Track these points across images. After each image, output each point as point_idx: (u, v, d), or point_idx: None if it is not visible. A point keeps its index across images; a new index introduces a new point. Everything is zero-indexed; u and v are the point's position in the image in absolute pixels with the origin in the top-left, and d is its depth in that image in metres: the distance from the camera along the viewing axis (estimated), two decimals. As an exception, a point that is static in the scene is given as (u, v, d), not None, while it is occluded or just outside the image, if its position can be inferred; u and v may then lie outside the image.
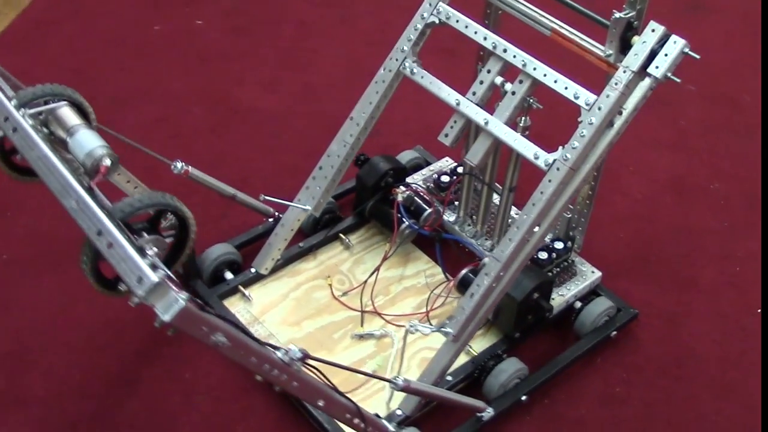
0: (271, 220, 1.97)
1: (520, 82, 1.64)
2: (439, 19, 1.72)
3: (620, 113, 1.53)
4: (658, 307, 1.94)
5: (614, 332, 1.84)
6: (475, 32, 1.68)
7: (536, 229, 1.58)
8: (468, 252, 1.94)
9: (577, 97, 1.55)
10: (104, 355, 1.78)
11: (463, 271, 1.81)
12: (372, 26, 2.74)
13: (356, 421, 1.34)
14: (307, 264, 1.94)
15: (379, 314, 1.84)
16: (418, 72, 1.74)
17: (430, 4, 1.73)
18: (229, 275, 1.87)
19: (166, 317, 0.92)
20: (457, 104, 1.68)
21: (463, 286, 1.80)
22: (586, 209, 1.88)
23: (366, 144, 1.83)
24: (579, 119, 1.54)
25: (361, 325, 1.82)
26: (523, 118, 1.68)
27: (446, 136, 1.71)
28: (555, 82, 1.58)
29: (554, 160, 1.55)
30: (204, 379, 1.75)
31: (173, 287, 0.92)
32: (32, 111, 1.16)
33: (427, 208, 1.91)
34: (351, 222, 2.01)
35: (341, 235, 1.99)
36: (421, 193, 1.94)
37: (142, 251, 0.96)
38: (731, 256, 2.08)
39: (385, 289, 1.90)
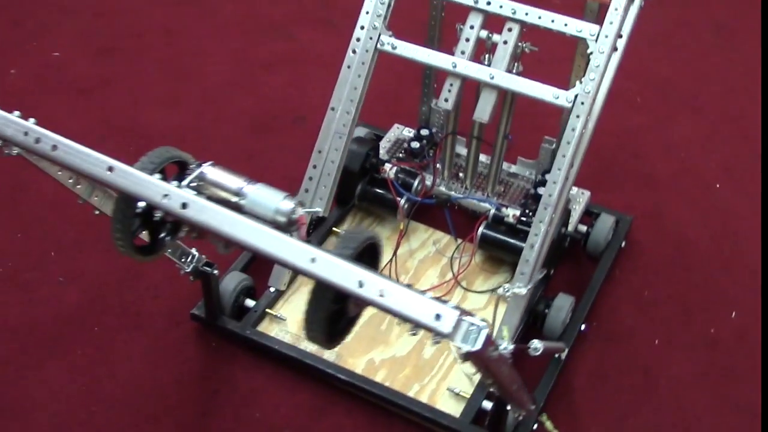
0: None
1: (509, 30, 1.65)
2: (408, -12, 1.70)
3: (620, 36, 1.60)
4: (639, 209, 2.07)
5: (623, 242, 1.94)
6: (450, -9, 1.67)
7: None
8: (459, 210, 1.96)
9: (579, 31, 1.60)
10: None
11: (481, 229, 1.82)
12: (239, 15, 2.62)
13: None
14: (316, 267, 1.86)
15: (414, 293, 1.82)
16: (399, 45, 1.70)
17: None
18: (250, 302, 1.76)
19: (476, 347, 0.86)
20: (454, 66, 1.66)
21: (485, 242, 1.82)
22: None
23: (299, 134, 1.78)
24: (588, 51, 1.59)
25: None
26: (516, 64, 1.70)
27: (446, 101, 1.70)
28: (552, 21, 1.61)
29: (576, 96, 1.59)
30: None
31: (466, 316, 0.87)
32: (187, 182, 1.02)
33: (411, 179, 1.90)
34: (337, 214, 1.95)
35: (334, 228, 1.92)
36: (403, 165, 1.93)
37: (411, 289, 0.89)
38: (673, 145, 2.25)
39: (403, 268, 1.88)
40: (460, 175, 1.98)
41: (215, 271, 1.62)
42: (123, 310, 1.80)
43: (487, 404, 1.59)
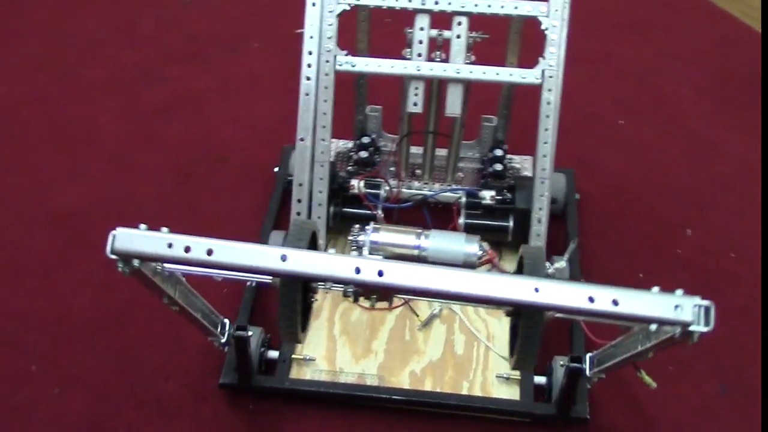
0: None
1: (459, 24, 1.70)
2: (349, 4, 1.69)
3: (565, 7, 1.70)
4: (573, 159, 2.19)
5: (578, 195, 2.06)
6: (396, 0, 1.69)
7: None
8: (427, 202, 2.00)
9: (530, 11, 1.67)
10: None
11: (461, 219, 1.87)
12: (104, 71, 2.48)
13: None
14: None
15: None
16: (358, 62, 1.70)
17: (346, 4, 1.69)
18: (273, 353, 1.71)
19: (710, 325, 0.91)
20: (419, 70, 1.69)
21: (470, 229, 1.87)
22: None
23: (228, 173, 1.78)
24: (542, 27, 1.67)
25: (417, 315, 1.81)
26: (469, 55, 1.75)
27: (415, 105, 1.72)
28: (502, 7, 1.68)
29: (543, 71, 1.67)
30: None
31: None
32: (367, 251, 0.98)
33: (377, 188, 1.91)
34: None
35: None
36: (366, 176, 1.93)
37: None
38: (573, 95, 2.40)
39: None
40: (417, 172, 2.01)
41: (250, 333, 1.56)
42: (140, 403, 1.68)
43: (540, 379, 1.67)
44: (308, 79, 1.71)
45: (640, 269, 1.95)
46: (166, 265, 1.03)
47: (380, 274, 0.92)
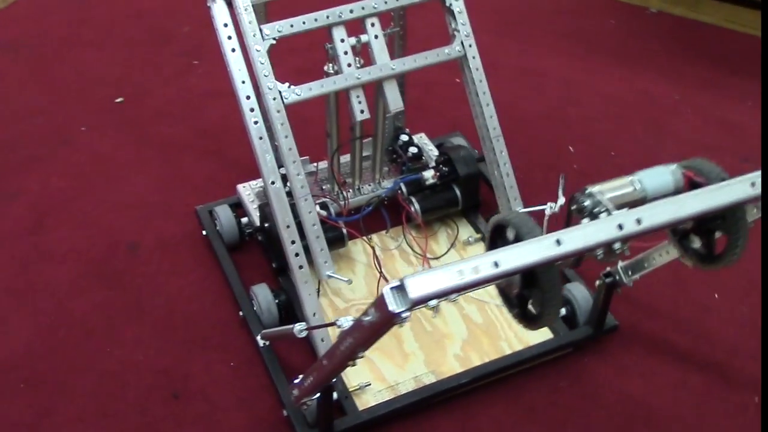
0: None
1: (372, 25, 1.76)
2: (274, 38, 1.67)
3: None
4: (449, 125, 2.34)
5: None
6: (304, 22, 1.69)
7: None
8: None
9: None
10: None
11: (416, 204, 1.95)
12: None
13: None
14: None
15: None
16: (302, 90, 1.70)
17: (254, 35, 1.66)
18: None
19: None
20: (359, 78, 1.73)
21: (426, 211, 1.96)
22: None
23: (151, 255, 1.87)
24: (447, 4, 1.78)
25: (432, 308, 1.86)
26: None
27: (362, 112, 1.76)
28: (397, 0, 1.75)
29: (461, 42, 1.79)
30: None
31: None
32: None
33: (326, 208, 1.92)
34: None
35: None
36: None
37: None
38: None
39: (390, 275, 1.92)
40: (348, 180, 2.04)
41: (334, 380, 1.52)
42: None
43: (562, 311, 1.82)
44: (256, 123, 1.67)
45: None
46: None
47: (639, 221, 0.99)
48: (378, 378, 1.73)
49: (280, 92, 1.67)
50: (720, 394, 1.76)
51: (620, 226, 1.00)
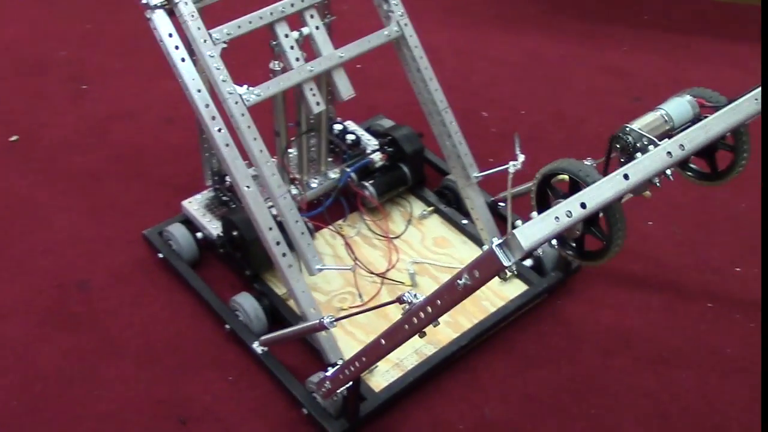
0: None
1: (311, 17, 1.76)
2: (225, 41, 1.65)
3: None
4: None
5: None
6: (250, 22, 1.68)
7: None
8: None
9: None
10: None
11: (371, 188, 1.98)
12: None
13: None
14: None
15: (383, 277, 1.93)
16: (261, 89, 1.68)
17: (205, 40, 1.62)
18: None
19: None
20: (312, 70, 1.73)
21: (381, 194, 2.00)
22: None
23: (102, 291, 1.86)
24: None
25: (403, 283, 1.90)
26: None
27: (318, 104, 1.76)
28: (341, -15, 1.78)
29: (398, 22, 1.83)
30: None
31: None
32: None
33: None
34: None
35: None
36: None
37: None
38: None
39: (361, 261, 1.94)
40: (297, 175, 2.03)
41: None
42: None
43: (527, 263, 1.92)
44: (220, 131, 1.64)
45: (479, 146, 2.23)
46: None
47: (682, 147, 1.09)
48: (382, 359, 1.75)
49: (240, 96, 1.65)
50: (680, 308, 1.92)
51: (669, 153, 1.09)
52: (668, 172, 1.12)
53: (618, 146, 1.20)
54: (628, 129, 1.20)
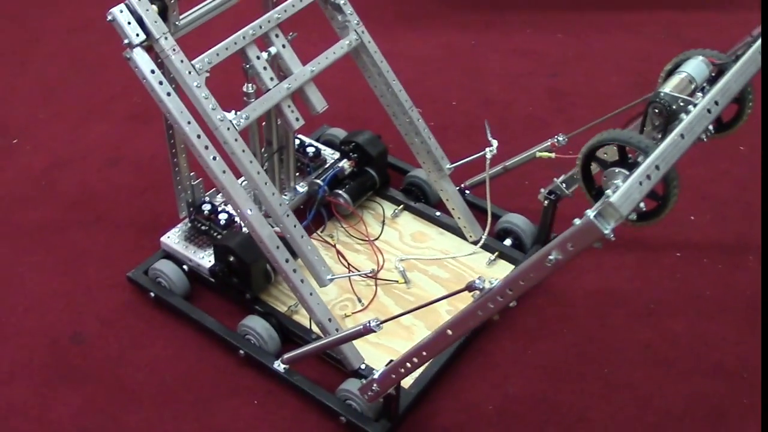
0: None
1: (276, 36, 1.80)
2: (207, 70, 1.66)
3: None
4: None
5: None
6: (227, 48, 1.69)
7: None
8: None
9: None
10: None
11: (345, 196, 2.03)
12: None
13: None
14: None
15: (378, 267, 1.99)
16: (248, 112, 1.70)
17: (190, 72, 1.62)
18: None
19: None
20: (289, 87, 1.76)
21: (355, 199, 2.05)
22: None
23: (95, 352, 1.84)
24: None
25: (397, 282, 1.96)
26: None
27: (297, 119, 1.80)
28: (293, 6, 1.80)
29: (355, 30, 1.89)
30: None
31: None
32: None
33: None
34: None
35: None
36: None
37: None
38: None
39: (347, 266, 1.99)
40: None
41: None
42: None
43: (507, 242, 2.03)
44: (215, 158, 1.65)
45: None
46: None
47: (717, 103, 1.21)
48: (397, 355, 1.80)
49: (230, 121, 1.66)
50: (652, 262, 2.07)
51: (708, 111, 1.21)
52: (711, 127, 1.23)
53: (656, 110, 1.30)
54: (662, 93, 1.31)
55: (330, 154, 2.18)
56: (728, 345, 1.87)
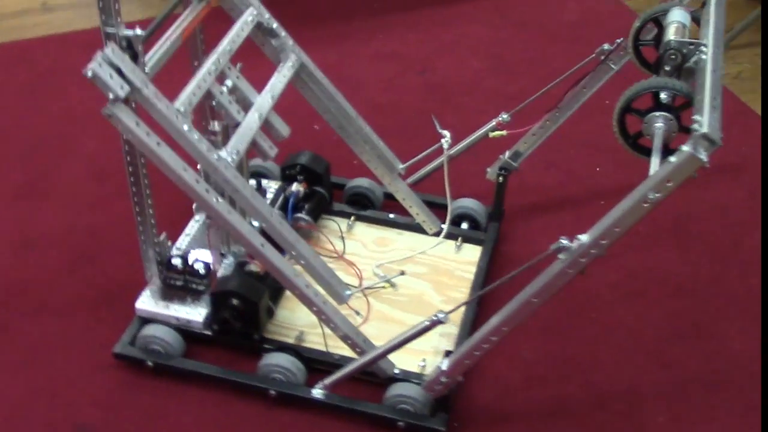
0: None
1: (229, 68, 1.76)
2: (190, 112, 1.60)
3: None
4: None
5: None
6: (200, 87, 1.64)
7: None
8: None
9: (257, 19, 1.83)
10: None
11: (307, 218, 2.03)
12: None
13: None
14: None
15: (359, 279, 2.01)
16: (235, 149, 1.66)
17: (177, 117, 1.55)
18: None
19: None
20: (260, 117, 1.74)
21: (315, 219, 2.06)
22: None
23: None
24: (266, 25, 1.85)
25: (385, 286, 1.99)
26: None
27: (271, 147, 1.78)
28: (242, 30, 1.78)
29: (294, 52, 1.89)
30: None
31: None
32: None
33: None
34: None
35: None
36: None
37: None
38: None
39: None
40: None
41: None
42: None
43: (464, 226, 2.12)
44: (218, 200, 1.59)
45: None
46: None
47: (717, 46, 1.39)
48: (420, 353, 1.83)
49: (226, 159, 1.61)
50: (590, 215, 2.17)
51: (717, 49, 1.38)
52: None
53: (672, 56, 1.45)
54: (672, 41, 1.46)
55: (266, 184, 2.15)
56: (680, 266, 2.10)
